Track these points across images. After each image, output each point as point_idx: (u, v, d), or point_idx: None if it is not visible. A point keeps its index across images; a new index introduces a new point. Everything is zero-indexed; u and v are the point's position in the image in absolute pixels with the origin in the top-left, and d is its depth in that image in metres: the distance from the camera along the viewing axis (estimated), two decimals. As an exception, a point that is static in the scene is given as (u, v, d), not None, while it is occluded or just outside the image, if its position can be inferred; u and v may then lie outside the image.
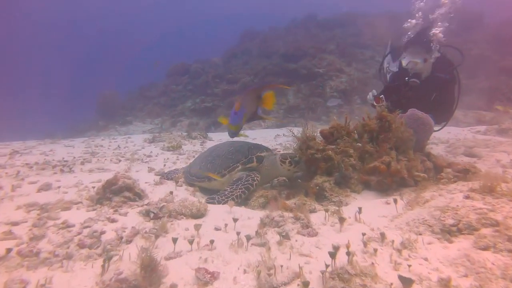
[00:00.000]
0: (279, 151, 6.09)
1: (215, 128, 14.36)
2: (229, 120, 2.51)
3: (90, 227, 2.13)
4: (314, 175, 3.14)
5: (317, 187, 3.01)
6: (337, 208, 2.66)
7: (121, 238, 1.97)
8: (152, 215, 2.41)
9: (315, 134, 3.28)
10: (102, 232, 2.02)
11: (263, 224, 2.26)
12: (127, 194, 2.72)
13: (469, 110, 11.98)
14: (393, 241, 1.84)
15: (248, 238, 1.93)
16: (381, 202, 2.71)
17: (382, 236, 1.86)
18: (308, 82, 15.58)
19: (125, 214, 2.45)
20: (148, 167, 4.87)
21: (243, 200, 3.27)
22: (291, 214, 2.29)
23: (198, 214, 2.52)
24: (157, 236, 2.02)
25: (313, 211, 2.77)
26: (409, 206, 2.47)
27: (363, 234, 1.91)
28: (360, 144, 3.24)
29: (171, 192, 2.95)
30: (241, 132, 2.65)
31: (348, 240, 1.88)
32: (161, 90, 19.49)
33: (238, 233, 2.01)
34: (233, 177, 3.48)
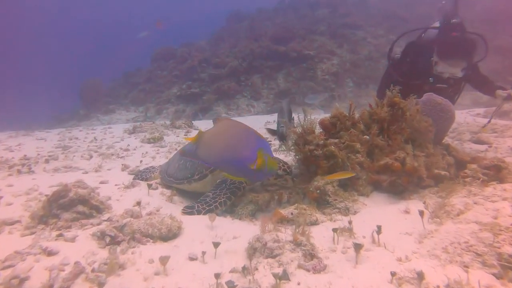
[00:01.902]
0: (270, 142, 5.54)
1: (202, 115, 13.73)
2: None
3: (12, 267, 1.55)
4: (314, 176, 2.60)
5: (318, 191, 2.48)
6: (346, 221, 2.13)
7: (51, 287, 1.40)
8: (108, 239, 1.85)
9: (314, 125, 2.72)
10: (25, 279, 1.44)
11: (252, 250, 1.72)
12: (80, 208, 2.15)
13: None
14: None
15: (231, 286, 1.37)
16: (398, 211, 2.18)
17: (420, 276, 1.33)
18: (299, 65, 14.98)
19: (73, 239, 1.88)
20: (123, 164, 4.28)
21: (230, 207, 2.73)
22: (288, 236, 1.75)
23: (170, 235, 1.97)
24: (102, 284, 1.46)
25: (314, 223, 2.24)
26: (437, 218, 1.95)
27: (393, 274, 1.38)
28: (368, 137, 2.69)
29: (139, 203, 2.38)
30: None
31: None
32: (146, 76, 18.64)
33: (216, 276, 1.46)
34: (216, 177, 2.93)
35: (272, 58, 15.47)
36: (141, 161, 4.51)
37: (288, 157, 4.34)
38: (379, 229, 1.72)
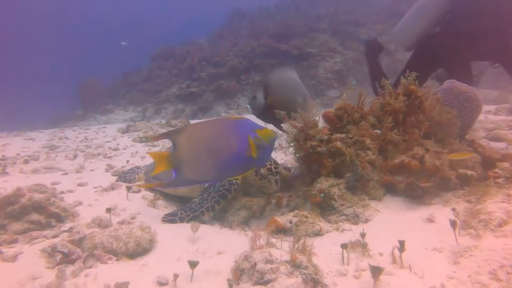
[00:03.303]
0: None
1: (202, 114, 13.37)
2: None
3: None
4: (317, 177, 2.22)
5: (322, 195, 2.10)
6: (356, 231, 1.75)
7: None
8: (59, 257, 1.47)
9: (317, 118, 2.34)
10: None
11: (238, 272, 1.34)
12: (35, 217, 1.78)
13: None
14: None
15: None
16: (420, 219, 1.80)
17: (468, 319, 0.95)
18: (300, 64, 14.60)
19: (14, 258, 1.50)
20: (107, 165, 3.91)
21: (219, 213, 2.35)
22: (285, 254, 1.37)
23: (139, 251, 1.59)
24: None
25: (317, 234, 1.86)
26: (471, 229, 1.56)
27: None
28: (379, 131, 2.31)
29: (109, 210, 2.00)
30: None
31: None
32: (145, 76, 18.31)
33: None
34: None
35: (273, 56, 15.11)
36: (127, 161, 4.14)
37: (288, 156, 3.97)
38: (401, 246, 1.33)
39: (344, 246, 1.41)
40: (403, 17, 3.85)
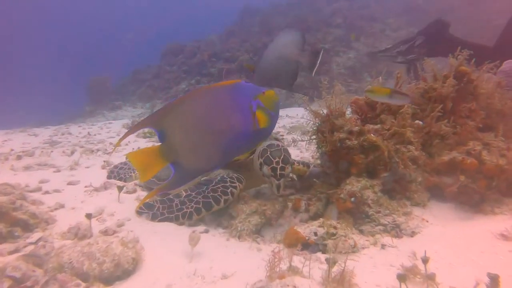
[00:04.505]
0: (282, 136, 4.75)
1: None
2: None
3: None
4: (346, 177, 1.80)
5: (353, 199, 1.69)
6: (400, 247, 1.34)
7: None
8: (7, 285, 1.09)
9: (345, 106, 1.93)
10: None
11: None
12: (-7, 225, 1.40)
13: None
14: None
15: None
16: (489, 234, 1.37)
17: None
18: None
19: None
20: (104, 161, 3.55)
21: (225, 218, 1.96)
22: (315, 284, 0.96)
23: (117, 273, 1.20)
24: None
25: (351, 250, 1.45)
26: None
27: None
28: (422, 122, 1.89)
29: (89, 216, 1.62)
30: None
31: None
32: (155, 72, 18.07)
33: None
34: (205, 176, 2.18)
35: (285, 52, 14.69)
36: (126, 158, 3.77)
37: (305, 153, 3.55)
38: (493, 282, 0.91)
39: (402, 278, 0.99)
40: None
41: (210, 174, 2.17)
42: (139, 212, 1.92)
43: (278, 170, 1.82)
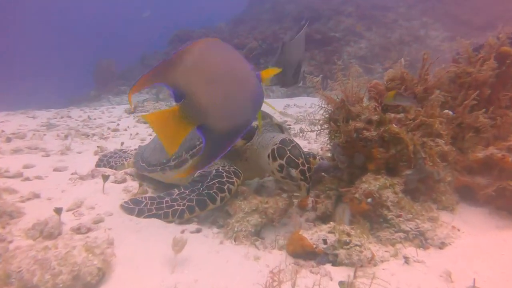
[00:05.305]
0: (289, 126, 4.48)
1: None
2: None
3: None
4: (361, 174, 1.55)
5: (369, 200, 1.43)
6: (429, 261, 1.09)
7: None
8: None
9: (362, 91, 1.66)
10: None
11: None
12: None
13: None
14: None
15: None
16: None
17: None
18: (323, 48, 13.77)
19: None
20: (98, 147, 3.32)
21: (221, 215, 1.73)
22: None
23: None
24: None
25: (367, 263, 1.20)
26: None
27: None
28: (451, 112, 1.62)
29: (58, 210, 1.38)
30: None
31: None
32: (162, 58, 17.83)
33: None
34: None
35: (295, 40, 14.32)
36: (122, 143, 3.55)
37: (313, 145, 3.29)
38: None
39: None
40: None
41: (209, 165, 1.94)
42: (123, 207, 1.69)
43: (307, 172, 1.69)
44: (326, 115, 1.68)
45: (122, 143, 3.55)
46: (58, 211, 1.36)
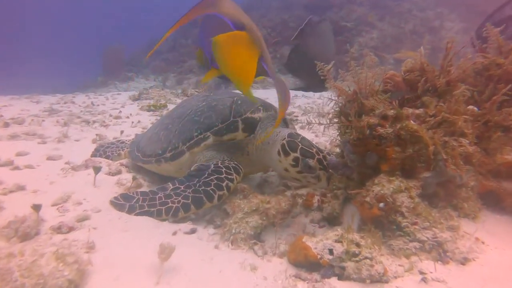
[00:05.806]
0: (296, 118, 4.32)
1: (226, 86, 12.57)
2: None
3: None
4: (374, 175, 1.39)
5: (382, 205, 1.28)
6: (448, 280, 0.94)
7: None
8: None
9: (377, 83, 1.50)
10: None
11: None
12: None
13: None
14: None
15: None
16: None
17: None
18: (334, 38, 13.48)
19: None
20: (97, 135, 3.20)
21: (217, 214, 1.60)
22: None
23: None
24: None
25: (379, 280, 1.05)
26: None
27: None
28: (476, 109, 1.45)
29: (37, 207, 1.25)
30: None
31: None
32: (170, 45, 17.64)
33: None
34: (196, 157, 1.81)
35: (305, 29, 14.04)
36: (122, 132, 3.42)
37: (320, 138, 3.12)
38: None
39: None
40: None
41: (208, 160, 1.81)
42: (113, 203, 1.56)
43: (323, 160, 1.65)
44: (337, 108, 1.52)
45: (122, 132, 3.42)
46: (36, 208, 1.23)
